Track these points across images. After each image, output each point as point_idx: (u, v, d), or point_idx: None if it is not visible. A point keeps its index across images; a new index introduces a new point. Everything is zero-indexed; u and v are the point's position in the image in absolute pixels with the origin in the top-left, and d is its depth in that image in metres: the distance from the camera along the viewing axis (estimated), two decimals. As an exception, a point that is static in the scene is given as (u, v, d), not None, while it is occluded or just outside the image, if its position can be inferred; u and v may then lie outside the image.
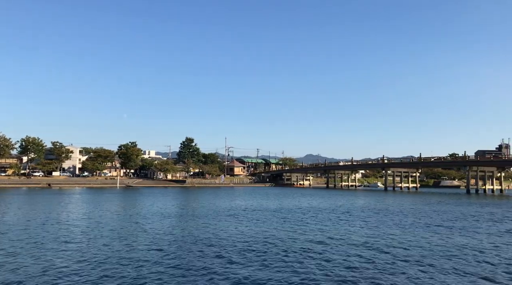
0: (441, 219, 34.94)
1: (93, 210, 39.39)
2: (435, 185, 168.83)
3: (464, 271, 15.52)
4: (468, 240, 22.98)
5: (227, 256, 17.81)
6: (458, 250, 19.69)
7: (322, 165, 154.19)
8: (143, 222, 29.81)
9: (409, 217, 36.37)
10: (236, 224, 29.30)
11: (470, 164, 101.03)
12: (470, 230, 27.48)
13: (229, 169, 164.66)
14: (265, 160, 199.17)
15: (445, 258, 17.72)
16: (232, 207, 45.20)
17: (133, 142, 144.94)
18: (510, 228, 28.85)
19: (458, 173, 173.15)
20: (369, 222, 31.66)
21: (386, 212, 41.73)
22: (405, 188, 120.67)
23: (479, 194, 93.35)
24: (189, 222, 30.64)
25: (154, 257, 17.47)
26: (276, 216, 35.71)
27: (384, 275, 14.75)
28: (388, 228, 28.03)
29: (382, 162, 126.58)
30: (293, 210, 43.09)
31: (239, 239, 22.31)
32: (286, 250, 19.20)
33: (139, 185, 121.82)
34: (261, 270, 15.33)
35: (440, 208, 48.38)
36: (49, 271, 14.75)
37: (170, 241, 21.64)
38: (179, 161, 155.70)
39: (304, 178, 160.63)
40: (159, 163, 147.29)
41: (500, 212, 43.37)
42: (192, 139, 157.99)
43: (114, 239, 22.08)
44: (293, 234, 24.74)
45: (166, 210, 40.34)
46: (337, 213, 39.33)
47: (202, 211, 39.60)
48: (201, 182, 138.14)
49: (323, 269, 15.58)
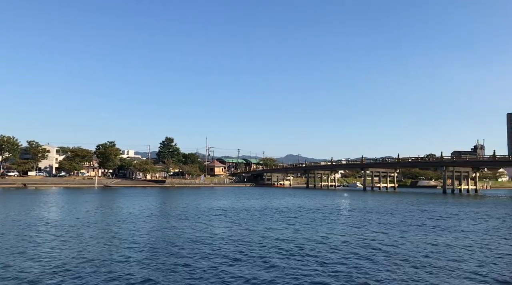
0: (426, 218, 35.55)
1: (70, 211, 38.60)
2: (412, 185, 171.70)
3: (443, 267, 15.80)
4: (450, 239, 23.42)
5: (208, 257, 17.68)
6: (445, 248, 20.06)
7: (302, 165, 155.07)
8: (120, 224, 29.36)
9: (395, 216, 36.90)
10: (215, 225, 29.14)
11: (446, 165, 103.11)
12: (453, 230, 28.03)
13: (209, 169, 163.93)
14: (246, 160, 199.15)
15: (435, 258, 18.03)
16: (212, 208, 44.98)
17: (112, 142, 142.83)
18: (492, 227, 29.58)
19: (435, 173, 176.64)
20: (359, 222, 31.96)
21: (371, 212, 42.20)
22: (384, 188, 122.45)
23: (455, 194, 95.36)
24: (168, 223, 30.32)
25: (132, 259, 17.18)
26: (258, 216, 35.69)
27: (364, 273, 14.88)
28: (374, 228, 28.34)
29: (361, 162, 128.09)
30: (277, 209, 43.16)
31: (219, 240, 22.19)
32: (263, 247, 19.19)
33: (117, 185, 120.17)
34: (244, 270, 15.26)
35: (421, 207, 49.20)
36: (18, 276, 14.34)
37: (149, 243, 21.35)
38: (158, 161, 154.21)
39: (285, 178, 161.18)
40: (138, 163, 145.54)
41: (483, 211, 44.41)
42: (172, 139, 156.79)
43: (90, 241, 21.66)
44: (272, 233, 24.77)
45: (145, 211, 39.85)
46: (323, 213, 39.57)
47: (182, 212, 39.28)
48: (181, 182, 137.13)
49: (311, 268, 15.61)
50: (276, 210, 42.56)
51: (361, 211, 43.17)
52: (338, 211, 42.94)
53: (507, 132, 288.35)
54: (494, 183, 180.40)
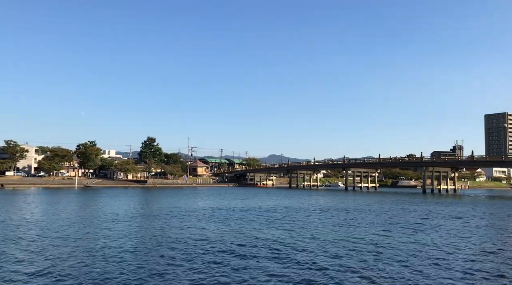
0: (410, 217, 36.10)
1: (48, 212, 37.96)
2: (393, 185, 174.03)
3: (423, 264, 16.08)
4: (435, 238, 23.84)
5: (190, 258, 17.61)
6: (430, 246, 20.41)
7: (285, 165, 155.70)
8: (100, 225, 29.03)
9: (379, 216, 37.35)
10: (197, 225, 29.04)
11: (426, 165, 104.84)
12: (436, 228, 28.53)
13: (192, 169, 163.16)
14: (229, 160, 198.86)
15: (422, 257, 18.32)
16: (194, 208, 44.82)
17: (92, 141, 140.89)
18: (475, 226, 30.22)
19: (415, 173, 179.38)
20: (344, 221, 32.24)
21: (355, 211, 42.62)
22: (365, 187, 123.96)
23: (434, 193, 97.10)
24: (149, 224, 30.12)
25: (112, 260, 17.01)
26: (241, 216, 35.71)
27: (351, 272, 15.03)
28: (358, 227, 28.63)
29: (343, 162, 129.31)
30: (261, 209, 43.23)
31: (201, 241, 22.13)
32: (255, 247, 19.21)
33: (98, 186, 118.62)
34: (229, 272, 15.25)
35: (403, 207, 49.94)
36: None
37: (129, 244, 21.16)
38: (140, 161, 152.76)
39: (268, 178, 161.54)
40: (120, 163, 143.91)
41: (465, 210, 45.30)
42: (154, 139, 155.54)
43: (69, 242, 21.35)
44: (258, 232, 24.82)
45: (126, 212, 39.46)
46: (308, 212, 39.80)
47: (164, 213, 39.03)
48: (163, 183, 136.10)
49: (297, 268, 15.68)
50: (259, 210, 42.63)
51: (343, 210, 43.57)
52: (321, 210, 43.25)
53: (484, 133, 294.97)
54: (472, 183, 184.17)
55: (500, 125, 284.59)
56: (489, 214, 42.39)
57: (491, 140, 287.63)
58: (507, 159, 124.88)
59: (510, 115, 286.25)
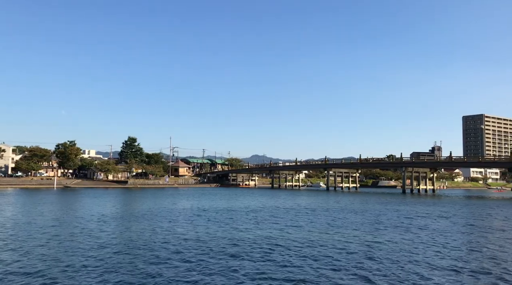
0: (395, 217, 36.62)
1: (26, 213, 37.20)
2: (373, 185, 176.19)
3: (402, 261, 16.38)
4: (420, 237, 24.25)
5: (170, 259, 17.53)
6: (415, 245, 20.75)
7: (267, 166, 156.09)
8: (80, 226, 28.61)
9: (363, 216, 37.78)
10: (177, 226, 28.91)
11: (405, 165, 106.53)
12: (418, 228, 29.03)
13: (173, 170, 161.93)
14: (211, 161, 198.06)
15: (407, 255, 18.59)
16: (176, 209, 44.58)
17: (72, 141, 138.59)
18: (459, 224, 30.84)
19: (395, 173, 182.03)
20: (328, 221, 32.50)
21: (339, 211, 43.00)
22: (346, 188, 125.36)
23: (414, 193, 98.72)
24: (129, 224, 29.84)
25: (92, 262, 16.81)
26: (223, 216, 35.66)
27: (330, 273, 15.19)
28: (341, 227, 28.90)
29: (325, 163, 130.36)
30: (242, 209, 43.25)
31: (182, 241, 22.05)
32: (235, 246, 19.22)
33: (78, 186, 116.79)
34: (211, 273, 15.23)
35: (385, 206, 50.64)
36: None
37: (110, 245, 20.93)
38: (121, 161, 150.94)
39: (250, 179, 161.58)
40: (100, 163, 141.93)
41: (446, 210, 46.18)
42: (135, 139, 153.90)
43: (48, 244, 21.00)
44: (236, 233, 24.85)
45: (106, 212, 38.98)
46: (298, 212, 39.99)
47: (145, 213, 38.69)
48: (144, 183, 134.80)
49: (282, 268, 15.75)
50: (241, 211, 42.67)
51: (326, 210, 43.94)
52: (307, 210, 43.50)
53: (462, 134, 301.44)
54: (450, 183, 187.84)
55: (478, 127, 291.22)
56: (469, 213, 43.47)
57: (468, 141, 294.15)
58: (484, 160, 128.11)
59: (487, 117, 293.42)
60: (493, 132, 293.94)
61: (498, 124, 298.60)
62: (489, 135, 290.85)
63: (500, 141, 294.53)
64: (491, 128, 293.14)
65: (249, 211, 42.68)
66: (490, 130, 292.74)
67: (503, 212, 46.15)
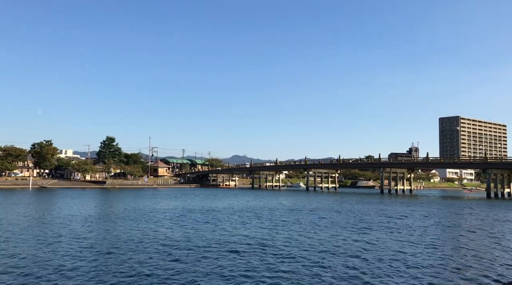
0: (376, 217, 37.09)
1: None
2: (352, 185, 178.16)
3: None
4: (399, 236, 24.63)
5: (147, 260, 17.38)
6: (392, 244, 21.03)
7: (248, 166, 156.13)
8: (56, 227, 28.10)
9: (351, 216, 38.12)
10: (155, 227, 28.67)
11: (384, 166, 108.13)
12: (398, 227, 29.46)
13: (152, 170, 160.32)
14: (191, 161, 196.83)
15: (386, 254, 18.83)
16: (154, 209, 44.18)
17: (49, 141, 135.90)
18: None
19: (373, 174, 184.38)
20: (322, 221, 32.65)
21: (320, 211, 43.29)
22: (325, 188, 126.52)
23: (391, 193, 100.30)
24: (106, 225, 29.44)
25: (70, 265, 16.53)
26: (201, 217, 35.52)
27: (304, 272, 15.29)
28: (318, 227, 29.11)
29: (305, 163, 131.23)
30: (222, 210, 43.14)
31: (158, 242, 21.88)
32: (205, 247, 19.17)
33: (54, 186, 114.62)
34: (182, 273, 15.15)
35: (365, 207, 51.27)
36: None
37: (88, 247, 20.63)
38: (99, 161, 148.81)
39: (230, 179, 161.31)
40: (77, 163, 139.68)
41: (423, 209, 47.02)
42: (113, 138, 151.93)
43: (24, 246, 20.55)
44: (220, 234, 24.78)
45: (83, 213, 38.35)
46: (283, 212, 40.07)
47: (123, 214, 38.24)
48: (122, 183, 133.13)
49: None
50: (225, 211, 42.57)
51: (312, 210, 44.22)
52: (290, 211, 43.69)
53: (439, 135, 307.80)
54: (427, 183, 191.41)
55: (453, 128, 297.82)
56: (451, 212, 44.58)
57: (445, 142, 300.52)
58: (459, 161, 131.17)
59: (463, 118, 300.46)
60: (468, 134, 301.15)
61: (473, 125, 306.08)
62: (465, 137, 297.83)
63: (475, 142, 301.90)
64: (466, 130, 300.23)
65: (234, 211, 42.63)
66: (466, 131, 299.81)
67: (483, 212, 47.34)
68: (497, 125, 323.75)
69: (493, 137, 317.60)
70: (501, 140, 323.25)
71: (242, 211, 42.47)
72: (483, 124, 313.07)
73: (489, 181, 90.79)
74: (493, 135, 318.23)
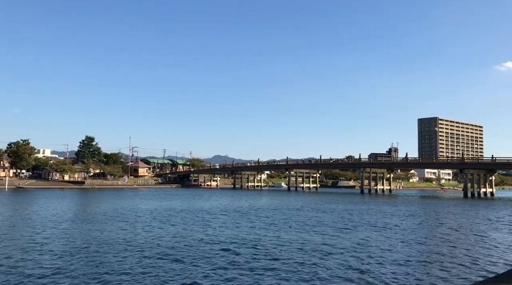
0: (357, 216, 37.45)
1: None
2: (333, 185, 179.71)
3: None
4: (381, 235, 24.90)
5: (129, 263, 17.18)
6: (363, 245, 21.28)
7: (229, 166, 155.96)
8: (32, 228, 27.51)
9: (336, 216, 38.36)
10: (131, 228, 28.37)
11: (364, 166, 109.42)
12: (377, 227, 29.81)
13: (133, 170, 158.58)
14: (172, 161, 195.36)
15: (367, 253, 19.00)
16: (133, 210, 43.70)
17: (26, 140, 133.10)
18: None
19: (354, 174, 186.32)
20: (310, 220, 32.75)
21: (305, 210, 43.48)
22: (307, 188, 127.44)
23: (371, 193, 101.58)
24: (85, 226, 28.98)
25: (46, 266, 16.21)
26: (182, 217, 35.31)
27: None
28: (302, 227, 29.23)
29: (286, 163, 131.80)
30: (202, 210, 42.96)
31: (137, 242, 21.66)
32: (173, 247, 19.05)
33: (31, 187, 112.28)
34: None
35: (347, 207, 51.75)
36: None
37: (63, 248, 20.27)
38: (77, 161, 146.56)
39: (212, 179, 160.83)
40: (55, 163, 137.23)
41: (405, 209, 47.68)
42: (93, 138, 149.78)
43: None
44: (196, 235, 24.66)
45: (61, 214, 37.65)
46: (253, 213, 40.07)
47: (101, 214, 37.68)
48: (102, 184, 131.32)
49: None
50: (201, 211, 42.37)
51: (290, 210, 44.39)
52: (270, 210, 43.77)
53: (418, 136, 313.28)
54: (406, 183, 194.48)
55: (432, 129, 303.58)
56: (431, 211, 45.39)
57: (423, 143, 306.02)
58: (437, 161, 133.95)
59: (441, 119, 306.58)
60: (446, 134, 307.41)
61: (451, 126, 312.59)
62: (443, 137, 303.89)
63: (453, 143, 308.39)
64: (444, 131, 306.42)
65: (221, 211, 42.43)
66: (444, 132, 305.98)
67: (465, 211, 48.28)
68: (474, 126, 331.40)
69: (470, 138, 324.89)
70: (478, 141, 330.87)
71: (229, 211, 42.37)
72: (460, 125, 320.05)
73: (466, 181, 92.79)
74: (470, 136, 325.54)
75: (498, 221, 36.46)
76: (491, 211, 48.04)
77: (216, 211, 42.96)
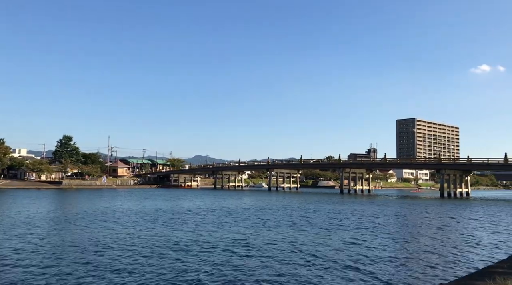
0: (342, 216, 37.72)
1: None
2: (313, 185, 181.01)
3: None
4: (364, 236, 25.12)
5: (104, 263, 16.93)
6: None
7: (210, 166, 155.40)
8: (7, 228, 26.84)
9: (321, 215, 38.54)
10: (115, 228, 27.99)
11: (343, 166, 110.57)
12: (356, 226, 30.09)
13: (112, 170, 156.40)
14: (152, 161, 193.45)
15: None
16: (111, 210, 43.07)
17: (1, 139, 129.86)
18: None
19: (334, 174, 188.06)
20: (299, 220, 32.75)
21: (289, 210, 43.55)
22: (287, 188, 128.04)
23: (351, 193, 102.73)
24: (62, 227, 28.43)
25: (17, 270, 15.83)
26: (159, 218, 34.98)
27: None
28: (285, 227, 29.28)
29: (267, 163, 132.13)
30: (182, 210, 42.64)
31: (116, 243, 21.37)
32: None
33: (6, 187, 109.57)
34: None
35: (328, 207, 52.13)
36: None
37: (40, 249, 19.83)
38: (55, 161, 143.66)
39: (192, 179, 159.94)
40: (32, 163, 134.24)
41: (385, 209, 48.25)
42: (71, 138, 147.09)
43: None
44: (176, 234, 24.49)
45: (37, 214, 36.81)
46: (234, 213, 39.95)
47: (79, 215, 37.01)
48: (80, 184, 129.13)
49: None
50: (195, 211, 42.07)
51: (277, 209, 44.47)
52: (265, 210, 43.74)
53: (396, 137, 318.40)
54: (384, 183, 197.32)
55: (410, 130, 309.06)
56: (412, 211, 46.04)
57: (401, 143, 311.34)
58: (415, 162, 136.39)
59: (419, 121, 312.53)
60: (424, 135, 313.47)
61: (428, 127, 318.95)
62: (420, 138, 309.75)
63: (430, 143, 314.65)
64: (422, 132, 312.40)
65: (207, 211, 42.14)
66: (421, 133, 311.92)
67: (448, 211, 49.16)
68: (450, 127, 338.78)
69: (446, 138, 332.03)
70: (454, 142, 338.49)
71: (215, 211, 42.17)
72: (437, 126, 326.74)
73: (442, 181, 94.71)
74: (446, 137, 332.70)
75: (478, 220, 37.50)
76: (470, 212, 48.96)
77: (201, 211, 42.69)
